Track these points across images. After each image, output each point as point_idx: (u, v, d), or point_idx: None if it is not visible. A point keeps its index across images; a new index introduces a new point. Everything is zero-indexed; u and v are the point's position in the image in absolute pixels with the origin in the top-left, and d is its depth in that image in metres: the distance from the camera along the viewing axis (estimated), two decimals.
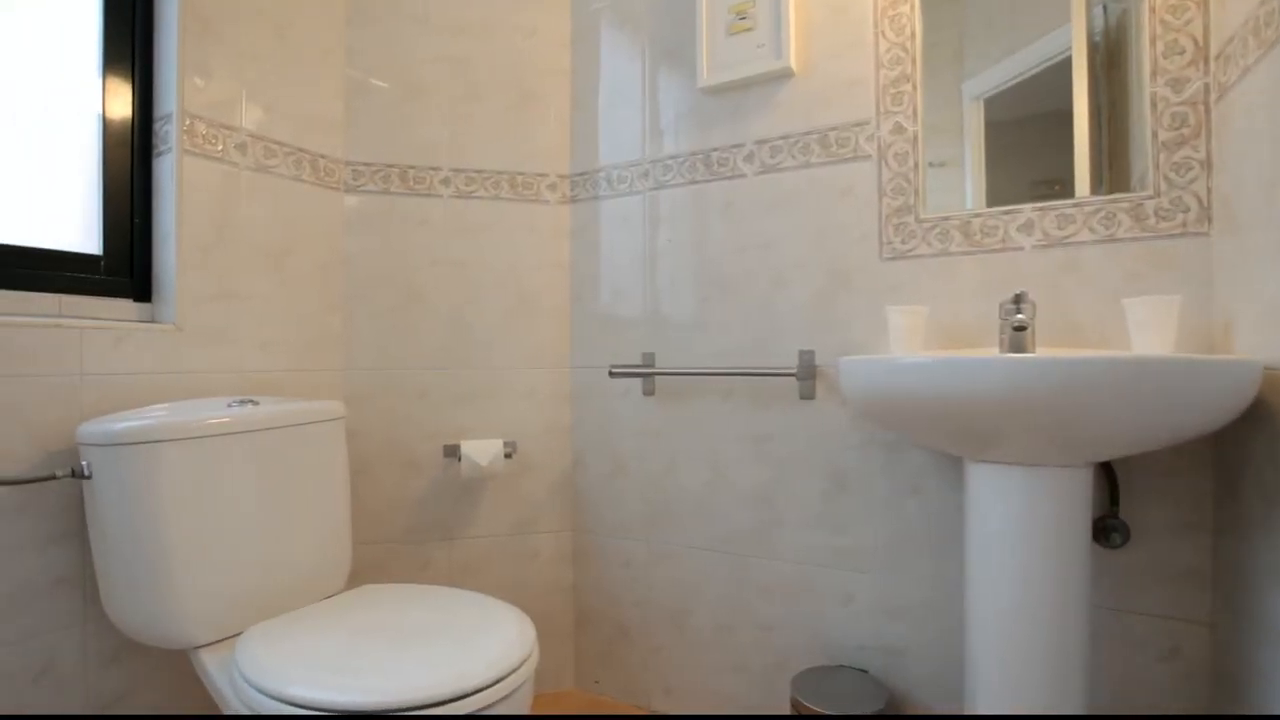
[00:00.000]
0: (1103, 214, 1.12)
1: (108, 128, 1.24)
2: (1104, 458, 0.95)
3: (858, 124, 1.32)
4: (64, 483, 1.07)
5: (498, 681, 0.89)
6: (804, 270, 1.37)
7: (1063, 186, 1.16)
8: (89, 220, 1.23)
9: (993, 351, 1.13)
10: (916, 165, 1.27)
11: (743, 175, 1.44)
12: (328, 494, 1.26)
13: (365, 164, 1.56)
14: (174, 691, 1.23)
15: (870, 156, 1.31)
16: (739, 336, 1.44)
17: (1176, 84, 1.07)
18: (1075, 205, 1.14)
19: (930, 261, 1.25)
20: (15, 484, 1.01)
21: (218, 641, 1.07)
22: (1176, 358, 0.82)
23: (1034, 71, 1.20)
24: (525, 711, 0.97)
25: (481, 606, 1.12)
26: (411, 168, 1.57)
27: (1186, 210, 1.06)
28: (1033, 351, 1.04)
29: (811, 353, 1.36)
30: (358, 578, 1.47)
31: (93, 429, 1.03)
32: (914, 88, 1.27)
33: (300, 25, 1.46)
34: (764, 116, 1.42)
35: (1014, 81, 1.22)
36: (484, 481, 1.59)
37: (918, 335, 1.20)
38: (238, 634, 1.07)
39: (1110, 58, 1.16)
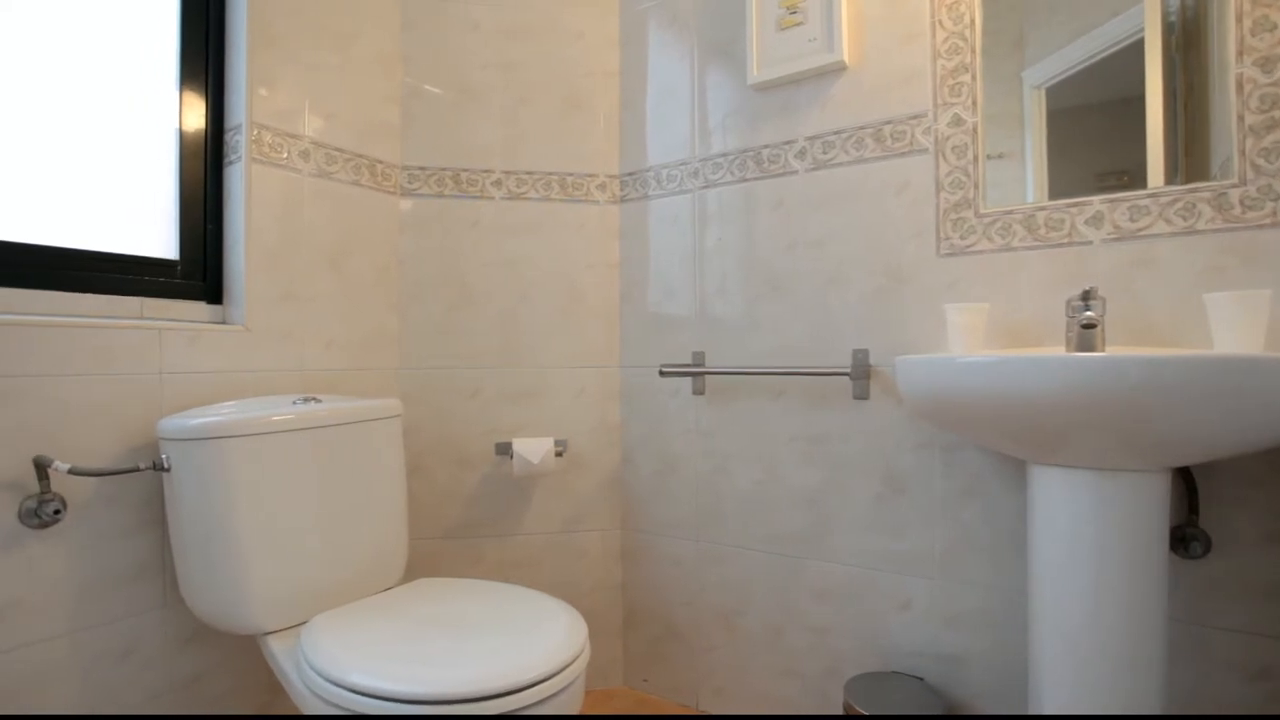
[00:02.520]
0: (1180, 204, 1.06)
1: (184, 139, 1.31)
2: (1182, 463, 0.89)
3: (914, 117, 1.29)
4: (146, 475, 1.13)
5: (551, 676, 0.90)
6: (857, 268, 1.35)
7: (1131, 177, 1.11)
8: (167, 227, 1.30)
9: (1059, 351, 1.08)
10: (976, 158, 1.23)
11: (794, 172, 1.42)
12: (385, 489, 1.30)
13: (420, 168, 1.60)
14: (244, 674, 1.28)
15: (927, 150, 1.27)
16: (791, 335, 1.42)
17: (1266, 64, 1.01)
18: (1150, 196, 1.08)
19: (990, 257, 1.21)
20: (104, 475, 1.07)
21: (284, 629, 1.12)
22: (1267, 357, 0.76)
23: (1100, 56, 1.15)
24: (577, 708, 0.98)
25: (534, 602, 1.13)
26: (464, 170, 1.61)
27: (1277, 198, 1.00)
28: (1102, 350, 1.00)
29: (865, 352, 1.33)
30: (412, 572, 1.51)
31: (171, 424, 1.09)
32: (973, 78, 1.23)
33: (359, 36, 1.51)
34: (816, 112, 1.40)
35: (1078, 68, 1.17)
36: (534, 479, 1.61)
37: (978, 334, 1.16)
38: (302, 622, 1.11)
39: (1187, 38, 1.09)
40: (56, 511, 1.02)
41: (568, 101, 1.65)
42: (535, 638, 0.99)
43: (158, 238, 1.28)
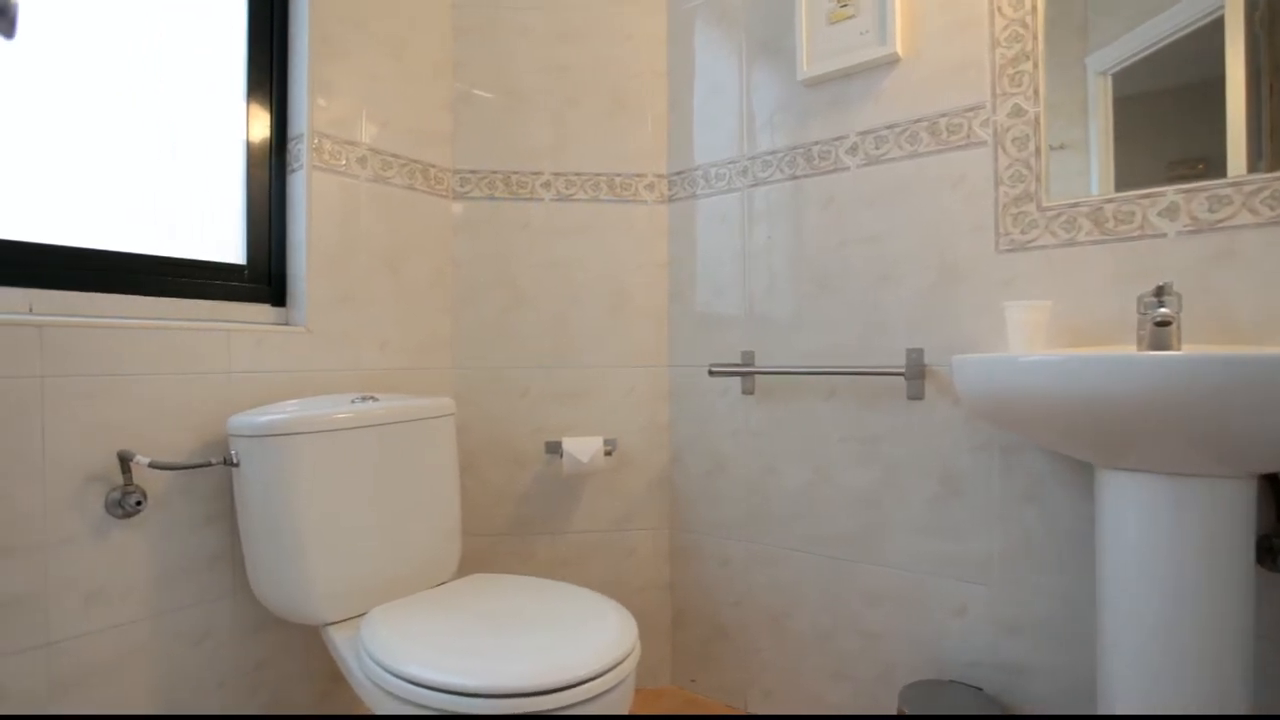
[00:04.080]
0: (1267, 193, 0.99)
1: (250, 149, 1.37)
2: (1270, 469, 0.84)
3: (971, 109, 1.25)
4: (217, 469, 1.19)
5: (603, 674, 0.91)
6: (911, 265, 1.31)
7: (1208, 165, 1.05)
8: (235, 233, 1.36)
9: (1129, 349, 1.03)
10: (1038, 150, 1.18)
11: (845, 168, 1.40)
12: (440, 486, 1.33)
13: (471, 171, 1.63)
14: (307, 662, 1.34)
15: (985, 143, 1.23)
16: (842, 335, 1.40)
17: None
18: (1232, 185, 1.02)
19: (1054, 253, 1.16)
20: (180, 469, 1.13)
21: (344, 620, 1.16)
22: None
23: (1173, 39, 1.09)
24: (628, 706, 0.98)
25: (585, 600, 1.15)
26: (515, 173, 1.63)
27: None
28: (1177, 349, 0.94)
29: (920, 351, 1.29)
30: (466, 567, 1.54)
31: (240, 421, 1.14)
32: (1035, 66, 1.18)
33: (413, 44, 1.55)
34: (868, 106, 1.37)
35: (1148, 51, 1.11)
36: (584, 478, 1.63)
37: (1040, 332, 1.11)
38: (361, 614, 1.15)
39: (1273, 15, 1.03)
40: (138, 503, 1.08)
41: (616, 102, 1.65)
42: (587, 635, 1.00)
43: (226, 243, 1.35)
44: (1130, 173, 1.12)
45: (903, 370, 1.29)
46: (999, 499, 1.21)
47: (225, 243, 1.35)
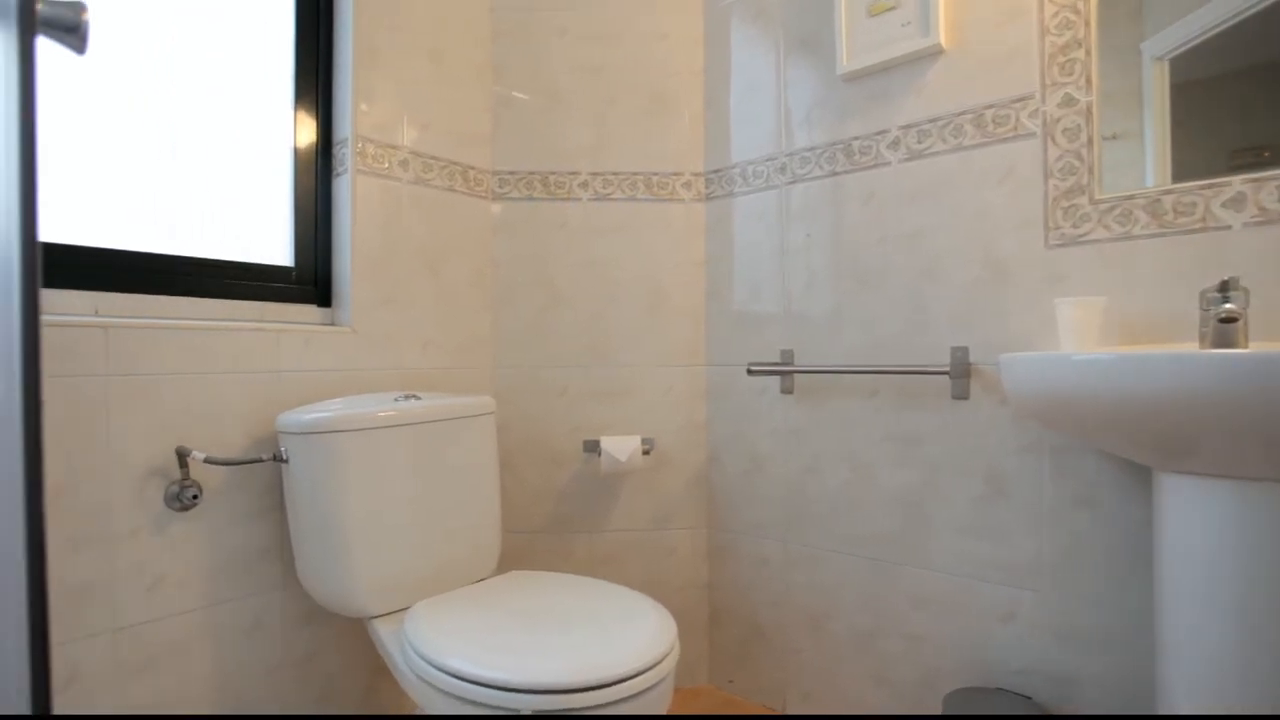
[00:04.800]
0: None
1: (297, 154, 1.41)
2: None
3: (1019, 99, 1.21)
4: (268, 465, 1.23)
5: (642, 673, 0.91)
6: (955, 261, 1.28)
7: (1274, 153, 1.00)
8: (283, 236, 1.40)
9: (1190, 347, 0.99)
10: (1090, 140, 1.14)
11: (886, 163, 1.37)
12: (480, 483, 1.35)
13: (510, 172, 1.65)
14: (353, 654, 1.37)
15: (1034, 134, 1.19)
16: (883, 333, 1.37)
17: None
18: None
19: (1107, 247, 1.12)
20: (233, 465, 1.17)
21: (388, 614, 1.18)
22: None
23: (1236, 20, 1.04)
24: (666, 705, 0.98)
25: (624, 598, 1.15)
26: (552, 173, 1.65)
27: None
28: (1244, 347, 0.90)
29: (965, 349, 1.26)
30: (505, 564, 1.56)
31: (289, 419, 1.18)
32: (1087, 53, 1.14)
33: (452, 48, 1.57)
34: (909, 99, 1.34)
35: (1208, 35, 1.06)
36: (622, 476, 1.63)
37: (1092, 329, 1.07)
38: (405, 609, 1.17)
39: None
40: (195, 496, 1.13)
41: (653, 101, 1.66)
42: (626, 634, 1.00)
43: (275, 246, 1.39)
44: (1189, 163, 1.07)
45: (947, 369, 1.26)
46: (1048, 502, 1.18)
47: (274, 245, 1.39)
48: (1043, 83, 1.18)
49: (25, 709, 0.37)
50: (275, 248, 1.39)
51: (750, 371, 1.48)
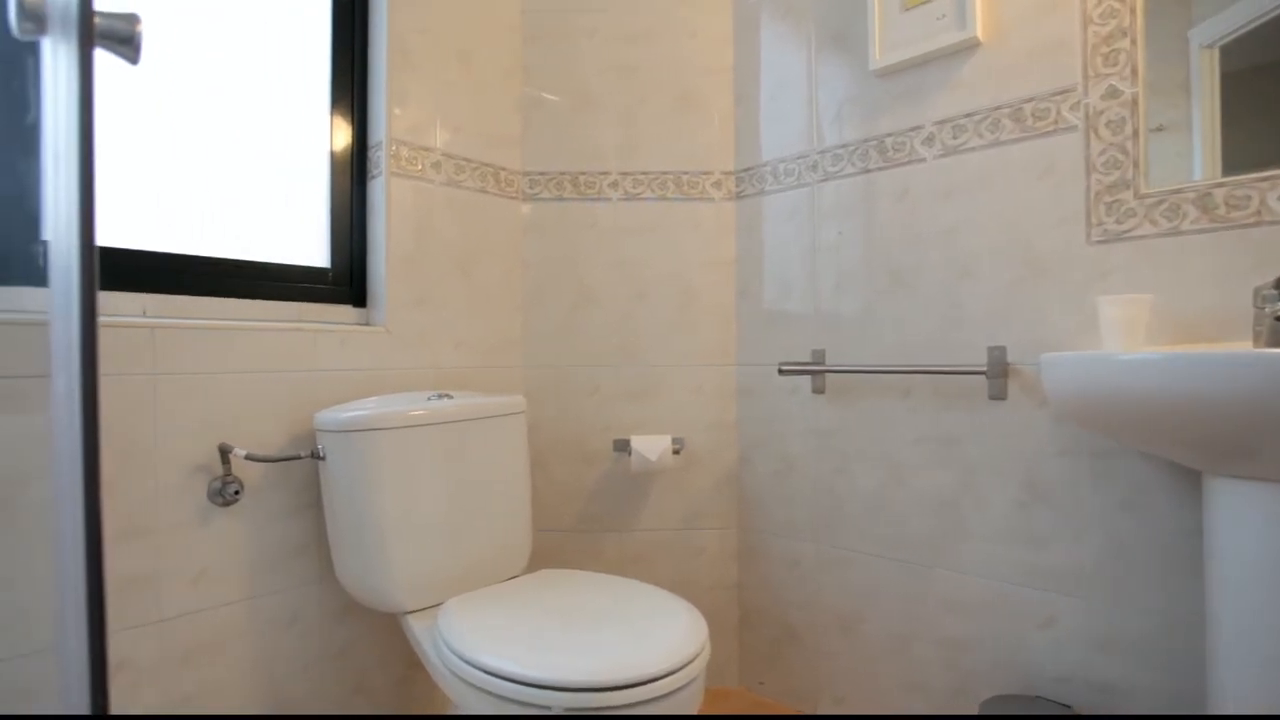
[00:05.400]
0: None
1: (334, 158, 1.44)
2: None
3: (1060, 92, 1.18)
4: (305, 462, 1.25)
5: (673, 673, 0.91)
6: (992, 259, 1.25)
7: None
8: (320, 238, 1.43)
9: (1244, 346, 0.95)
10: (1136, 133, 1.10)
11: (920, 160, 1.35)
12: (511, 482, 1.36)
13: (540, 173, 1.66)
14: (387, 649, 1.39)
15: (1075, 128, 1.16)
16: (917, 332, 1.35)
17: None
18: None
19: (1154, 243, 1.09)
20: (273, 461, 1.20)
21: (422, 610, 1.20)
22: None
23: None
24: (697, 706, 0.98)
25: (654, 598, 1.15)
26: (582, 174, 1.65)
27: None
28: None
29: (1002, 349, 1.24)
30: (535, 562, 1.57)
31: (326, 417, 1.20)
32: (1133, 43, 1.10)
33: (484, 50, 1.59)
34: (945, 94, 1.31)
35: (1260, 20, 1.02)
36: (652, 476, 1.63)
37: (1139, 328, 1.04)
38: (438, 604, 1.19)
39: None
40: (236, 492, 1.16)
41: (682, 101, 1.65)
42: (657, 633, 1.00)
43: (313, 248, 1.42)
44: (1240, 154, 1.03)
45: (984, 369, 1.23)
46: (1090, 506, 1.14)
47: (312, 247, 1.42)
48: (1085, 74, 1.15)
49: (84, 696, 0.38)
50: (313, 249, 1.42)
51: (781, 371, 1.47)
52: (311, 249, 1.42)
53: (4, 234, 1.01)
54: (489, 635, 1.02)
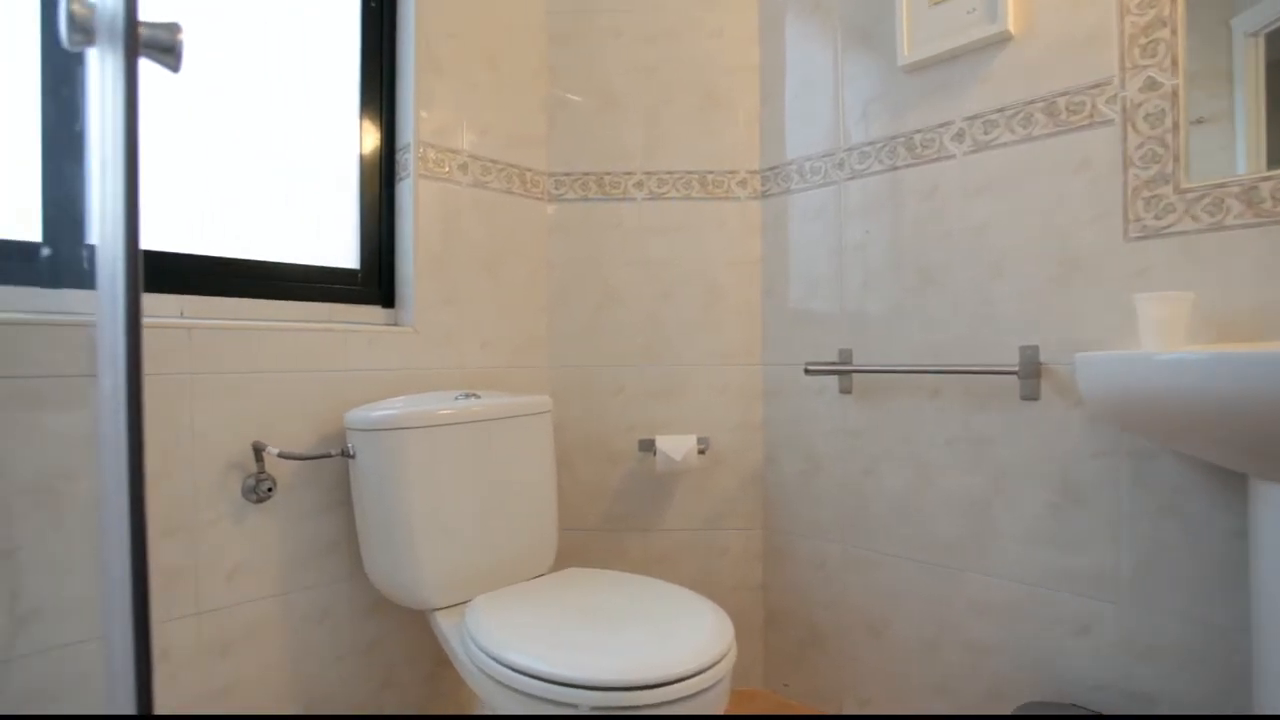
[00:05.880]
0: None
1: (363, 161, 1.46)
2: None
3: (1095, 85, 1.15)
4: (336, 460, 1.27)
5: (699, 673, 0.91)
6: (1025, 257, 1.23)
7: None
8: (349, 239, 1.45)
9: None
10: (1176, 125, 1.07)
11: (950, 156, 1.33)
12: (537, 481, 1.37)
13: (565, 174, 1.67)
14: (415, 644, 1.41)
15: (1112, 121, 1.13)
16: (946, 331, 1.33)
17: None
18: None
19: (1195, 239, 1.06)
20: (304, 460, 1.22)
21: (450, 607, 1.22)
22: None
23: None
24: (723, 707, 0.98)
25: (680, 598, 1.15)
26: (607, 174, 1.66)
27: None
28: None
29: (1035, 348, 1.21)
30: (561, 561, 1.58)
31: (356, 416, 1.22)
32: (1173, 32, 1.07)
33: (509, 52, 1.60)
34: (975, 89, 1.29)
35: None
36: (677, 476, 1.63)
37: (1179, 327, 1.01)
38: (465, 602, 1.20)
39: None
40: (269, 489, 1.18)
41: (707, 99, 1.65)
42: (683, 633, 1.00)
43: (342, 249, 1.44)
44: None
45: (1016, 369, 1.21)
46: (1128, 510, 1.11)
47: (342, 249, 1.44)
48: (1122, 66, 1.12)
49: (130, 686, 0.40)
50: (343, 251, 1.44)
51: (808, 371, 1.46)
52: (341, 250, 1.44)
53: (54, 238, 1.05)
54: (516, 633, 1.03)
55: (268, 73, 1.32)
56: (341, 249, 1.44)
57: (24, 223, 1.03)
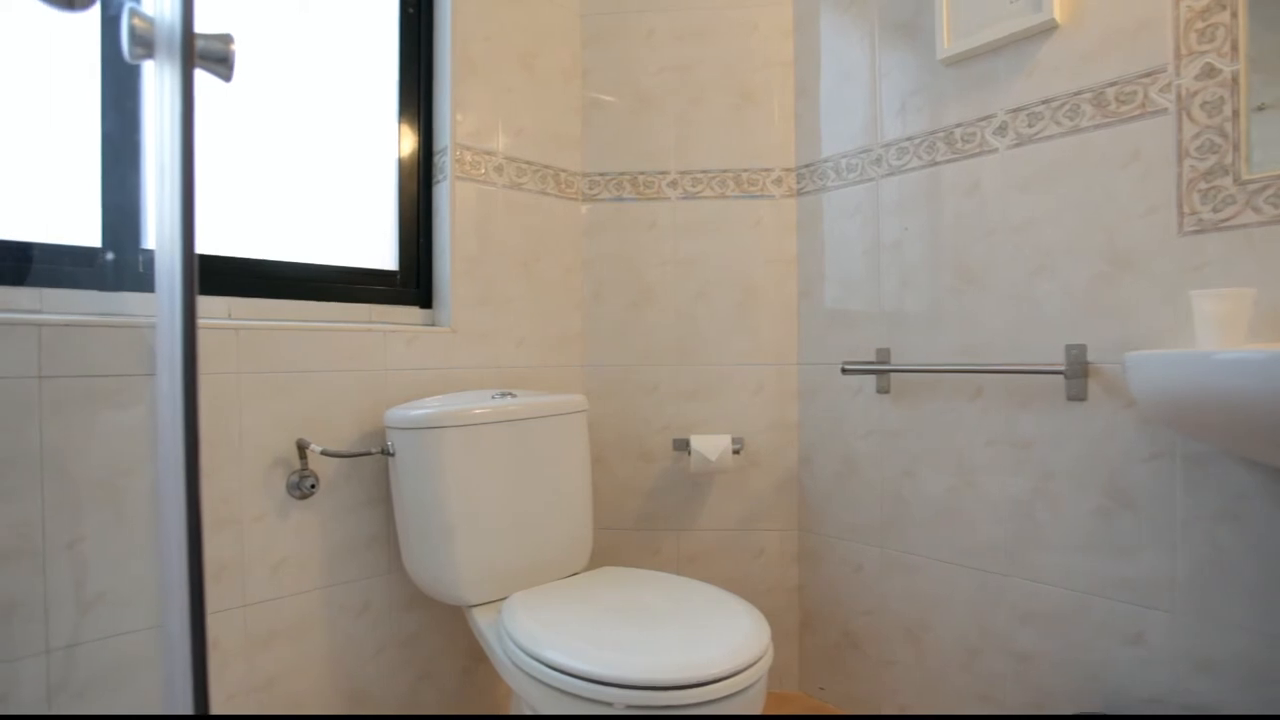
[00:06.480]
0: None
1: (401, 165, 1.49)
2: None
3: (1147, 74, 1.11)
4: (375, 457, 1.30)
5: (735, 674, 0.91)
6: (1071, 253, 1.19)
7: None
8: (388, 241, 1.48)
9: None
10: (1236, 113, 1.03)
11: (992, 150, 1.29)
12: (572, 480, 1.38)
13: (600, 174, 1.68)
14: (452, 639, 1.43)
15: (1165, 110, 1.09)
16: (988, 330, 1.30)
17: None
18: None
19: (1256, 232, 1.01)
20: (346, 457, 1.25)
21: (486, 603, 1.23)
22: None
23: None
24: (760, 708, 0.97)
25: (716, 599, 1.14)
26: (641, 174, 1.66)
27: None
28: None
29: (1082, 347, 1.17)
30: (595, 560, 1.59)
31: (396, 414, 1.24)
32: (1233, 15, 1.03)
33: (544, 55, 1.61)
34: (1018, 81, 1.26)
35: None
36: (711, 476, 1.62)
37: (1239, 324, 0.97)
38: (501, 599, 1.22)
39: None
40: (312, 486, 1.21)
41: (741, 97, 1.64)
42: (720, 634, 1.00)
43: (381, 251, 1.47)
44: None
45: (1062, 368, 1.17)
46: (1182, 515, 1.07)
47: (380, 250, 1.47)
48: (1177, 53, 1.08)
49: (187, 675, 0.41)
50: (382, 253, 1.47)
51: (845, 370, 1.44)
52: (380, 252, 1.47)
53: (113, 243, 1.09)
54: (552, 630, 1.04)
55: (309, 81, 1.36)
56: (381, 250, 1.47)
57: (84, 228, 1.08)
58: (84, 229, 1.08)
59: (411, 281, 1.50)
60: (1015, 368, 1.23)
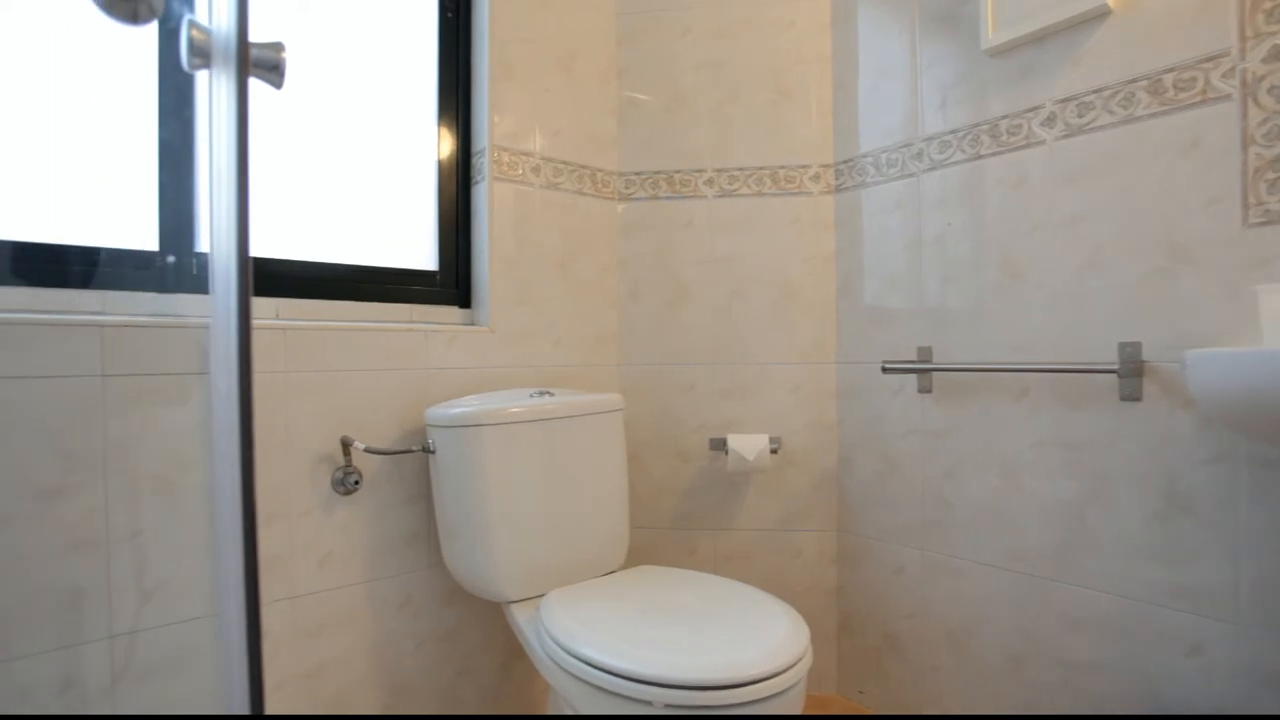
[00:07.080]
0: None
1: (440, 166, 1.51)
2: None
3: (1209, 58, 1.06)
4: (416, 454, 1.33)
5: (774, 676, 0.90)
6: (1125, 246, 1.15)
7: None
8: (428, 242, 1.51)
9: None
10: None
11: (1040, 142, 1.25)
12: (609, 478, 1.38)
13: (636, 173, 1.68)
14: (490, 634, 1.45)
15: (1229, 96, 1.04)
16: (1034, 328, 1.26)
17: None
18: None
19: None
20: (388, 454, 1.28)
21: (524, 600, 1.24)
22: None
23: None
24: (800, 708, 0.96)
25: (754, 599, 1.13)
26: (677, 172, 1.65)
27: None
28: None
29: (1137, 345, 1.13)
30: (632, 558, 1.59)
31: (436, 413, 1.27)
32: None
33: (580, 55, 1.62)
34: (1067, 70, 1.21)
35: None
36: (748, 475, 1.61)
37: None
38: (539, 595, 1.23)
39: None
40: (356, 482, 1.24)
41: (778, 93, 1.62)
42: (759, 635, 0.99)
43: (421, 252, 1.50)
44: None
45: (1115, 367, 1.13)
46: (1247, 522, 1.02)
47: (420, 251, 1.50)
48: (1242, 35, 1.03)
49: (243, 663, 0.42)
50: (422, 253, 1.50)
51: (885, 369, 1.41)
52: (420, 252, 1.50)
53: (169, 247, 1.14)
54: (590, 628, 1.04)
55: (351, 85, 1.39)
56: (421, 251, 1.50)
57: (142, 233, 1.12)
58: (142, 233, 1.12)
59: (451, 281, 1.52)
60: (1066, 366, 1.19)
